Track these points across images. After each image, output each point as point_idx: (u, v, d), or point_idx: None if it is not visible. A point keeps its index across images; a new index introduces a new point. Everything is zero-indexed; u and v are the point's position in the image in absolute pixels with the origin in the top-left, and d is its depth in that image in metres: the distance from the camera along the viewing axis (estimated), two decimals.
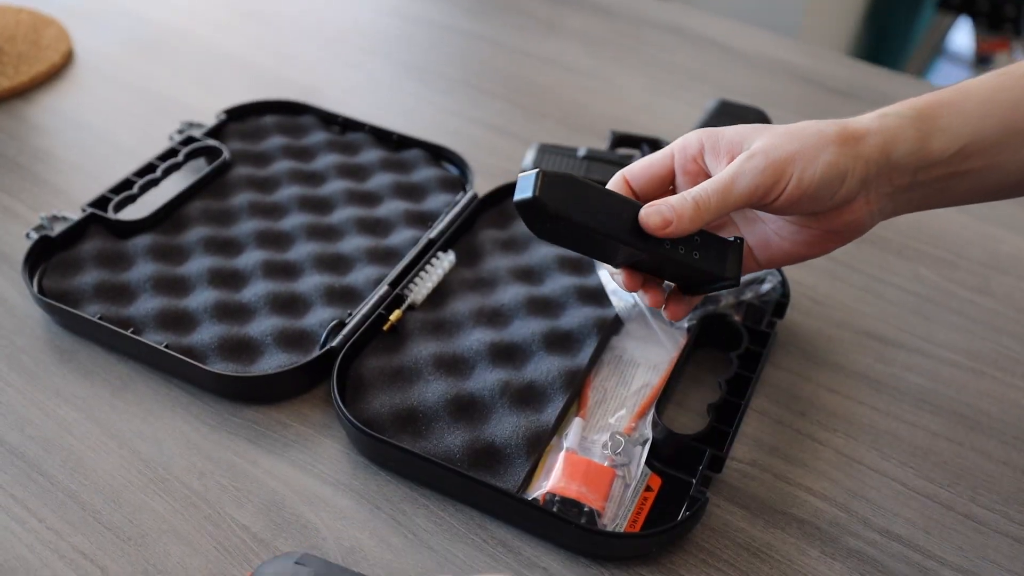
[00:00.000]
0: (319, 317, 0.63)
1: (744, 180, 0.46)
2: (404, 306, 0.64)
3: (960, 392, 0.62)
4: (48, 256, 0.67)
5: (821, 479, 0.57)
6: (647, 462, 0.56)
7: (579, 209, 0.44)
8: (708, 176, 0.49)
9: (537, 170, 0.43)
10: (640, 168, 0.50)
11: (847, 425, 0.60)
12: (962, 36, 2.34)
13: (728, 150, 0.48)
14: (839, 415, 0.61)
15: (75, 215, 0.69)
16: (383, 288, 0.64)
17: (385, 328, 0.62)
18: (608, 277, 0.66)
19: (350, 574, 0.48)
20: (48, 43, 0.92)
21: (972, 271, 0.73)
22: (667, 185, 0.50)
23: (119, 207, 0.71)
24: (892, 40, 2.23)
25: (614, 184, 0.50)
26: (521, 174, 0.44)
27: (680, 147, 0.50)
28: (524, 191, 0.43)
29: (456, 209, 0.71)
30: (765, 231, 0.51)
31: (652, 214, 0.46)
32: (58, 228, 0.68)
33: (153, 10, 1.04)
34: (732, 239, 0.49)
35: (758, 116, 0.81)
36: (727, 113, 0.82)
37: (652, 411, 0.57)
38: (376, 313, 0.62)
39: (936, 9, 2.12)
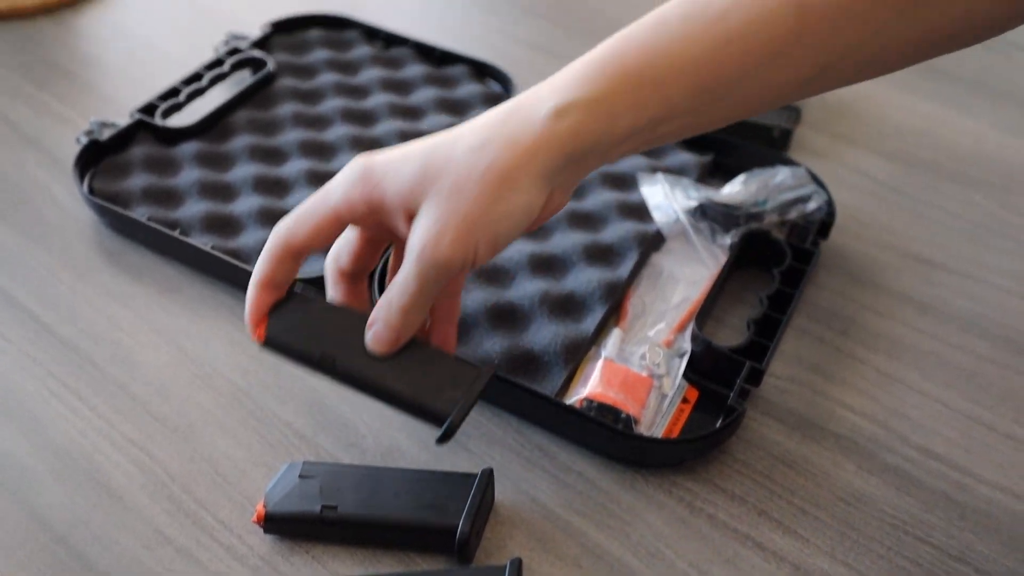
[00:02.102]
0: None
1: (432, 276, 0.42)
2: None
3: (1009, 317, 0.61)
4: (97, 160, 0.68)
5: (860, 396, 0.56)
6: (685, 375, 0.56)
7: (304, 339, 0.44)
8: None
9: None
10: (301, 238, 0.45)
11: (889, 345, 0.59)
12: None
13: (402, 212, 0.43)
14: (882, 335, 0.60)
15: (124, 121, 0.70)
16: None
17: None
18: (651, 192, 0.65)
19: (358, 469, 0.49)
20: None
21: (1022, 194, 0.71)
22: (380, 249, 0.48)
23: (166, 114, 0.71)
24: None
25: (272, 260, 0.45)
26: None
27: (345, 204, 0.44)
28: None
29: None
30: None
31: (374, 337, 0.45)
32: (107, 133, 0.69)
33: None
34: (482, 367, 0.46)
35: None
36: None
37: (691, 325, 0.57)
38: None
39: None
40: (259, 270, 0.46)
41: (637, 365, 0.56)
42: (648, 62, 0.41)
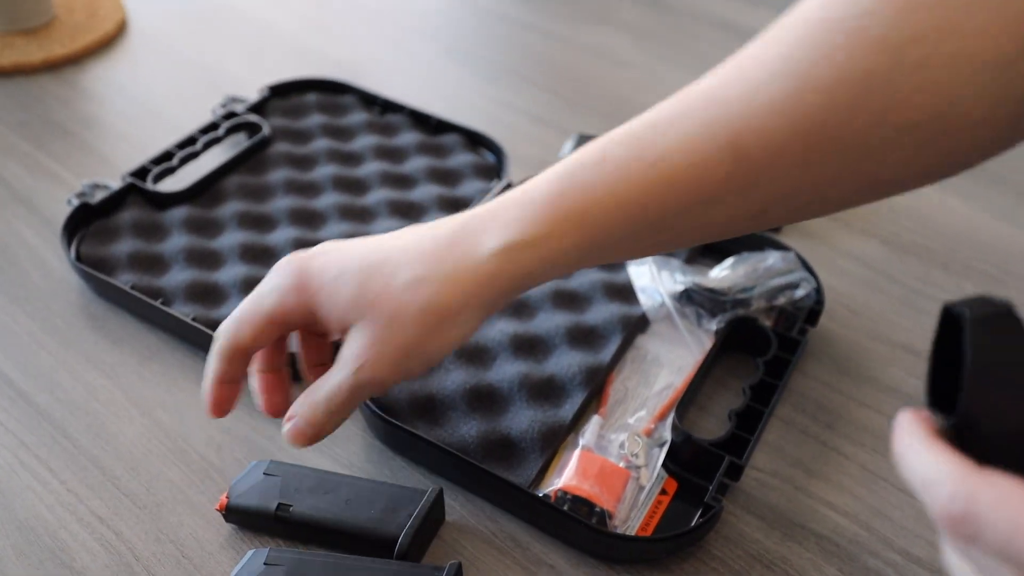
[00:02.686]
0: None
1: (363, 391, 0.44)
2: None
3: None
4: (87, 223, 0.68)
5: (844, 494, 0.55)
6: (664, 465, 0.55)
7: None
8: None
9: None
10: (245, 339, 0.46)
11: (875, 440, 0.58)
12: None
13: (336, 326, 0.45)
14: (868, 429, 0.59)
15: (116, 183, 0.71)
16: None
17: None
18: (638, 273, 0.65)
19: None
20: (104, 13, 0.94)
21: (1020, 289, 0.70)
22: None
23: (158, 178, 0.71)
24: None
25: (222, 359, 0.47)
26: None
27: (280, 310, 0.45)
28: None
29: (489, 197, 0.71)
30: None
31: (293, 432, 0.46)
32: (99, 196, 0.69)
33: None
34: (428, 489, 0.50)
35: None
36: None
37: (672, 414, 0.56)
38: None
39: None
40: (213, 370, 0.47)
41: (615, 455, 0.55)
42: (593, 200, 0.42)
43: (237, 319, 0.46)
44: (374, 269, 0.44)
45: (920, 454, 0.29)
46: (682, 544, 0.51)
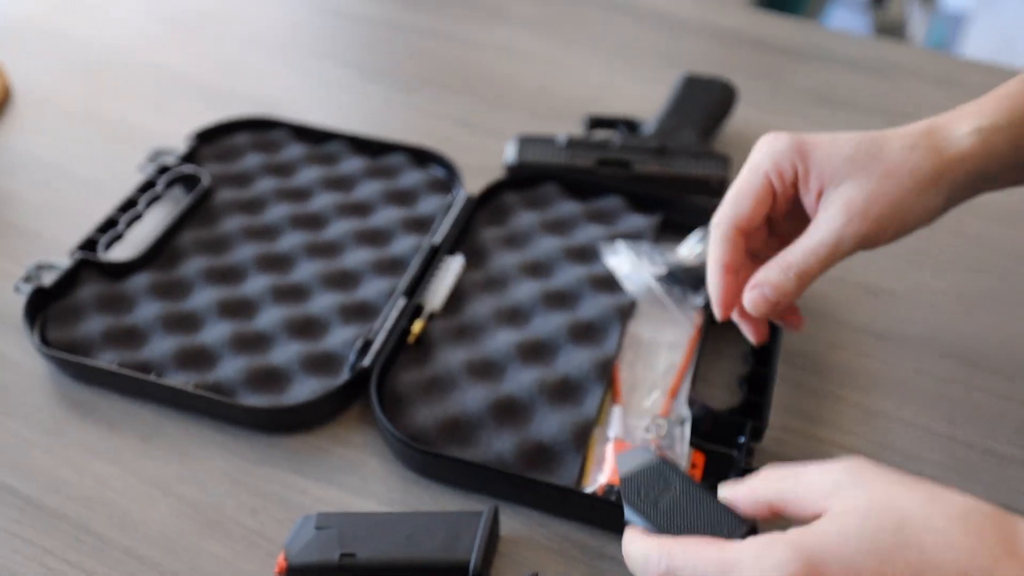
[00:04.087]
0: (340, 337, 0.63)
1: (845, 245, 0.48)
2: (425, 316, 0.64)
3: (956, 334, 0.66)
4: (44, 307, 0.64)
5: (849, 435, 0.60)
6: (689, 441, 0.58)
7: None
8: (802, 209, 0.51)
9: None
10: (747, 212, 0.50)
11: (861, 379, 0.63)
12: None
13: (818, 184, 0.49)
14: (852, 370, 0.64)
15: (61, 260, 0.67)
16: (399, 300, 0.64)
17: (410, 340, 0.62)
18: (617, 263, 0.67)
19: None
20: None
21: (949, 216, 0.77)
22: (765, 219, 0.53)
23: (107, 247, 0.68)
24: None
25: (726, 242, 0.51)
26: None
27: (775, 171, 0.50)
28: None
29: (454, 212, 0.72)
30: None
31: (756, 298, 0.49)
32: (49, 277, 0.65)
33: (87, 30, 1.00)
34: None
35: (724, 88, 0.84)
36: (696, 87, 0.84)
37: (684, 390, 0.59)
38: (399, 326, 0.62)
39: None
40: (719, 259, 0.51)
41: (642, 440, 0.57)
42: None
43: (733, 199, 0.50)
44: (863, 138, 0.49)
45: (633, 543, 0.43)
46: None
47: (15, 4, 1.03)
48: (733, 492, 0.43)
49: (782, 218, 0.53)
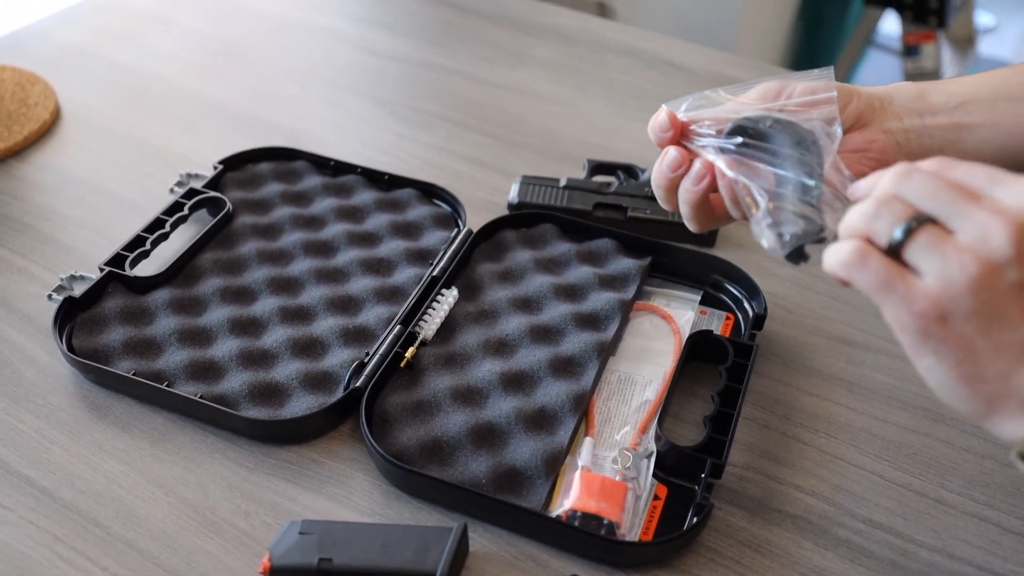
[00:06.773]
0: (338, 358, 0.68)
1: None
2: (417, 343, 0.69)
3: (922, 387, 0.69)
4: (72, 316, 0.70)
5: (808, 477, 0.63)
6: (653, 474, 0.62)
7: None
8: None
9: None
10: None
11: (827, 425, 0.67)
12: (891, 25, 2.45)
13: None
14: (819, 416, 0.67)
15: (91, 273, 0.73)
16: (395, 327, 0.69)
17: (402, 365, 0.67)
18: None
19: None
20: (36, 100, 0.95)
21: None
22: None
23: (134, 264, 0.74)
24: (825, 34, 2.33)
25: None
26: None
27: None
28: None
29: (454, 246, 0.77)
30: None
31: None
32: (78, 287, 0.71)
33: (131, 58, 1.07)
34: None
35: None
36: None
37: (654, 426, 0.63)
38: (392, 352, 0.67)
39: (864, 3, 2.23)
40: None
41: (609, 470, 0.61)
42: (955, 79, 0.58)
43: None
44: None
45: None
46: (684, 543, 0.58)
47: (67, 32, 1.11)
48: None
49: None
